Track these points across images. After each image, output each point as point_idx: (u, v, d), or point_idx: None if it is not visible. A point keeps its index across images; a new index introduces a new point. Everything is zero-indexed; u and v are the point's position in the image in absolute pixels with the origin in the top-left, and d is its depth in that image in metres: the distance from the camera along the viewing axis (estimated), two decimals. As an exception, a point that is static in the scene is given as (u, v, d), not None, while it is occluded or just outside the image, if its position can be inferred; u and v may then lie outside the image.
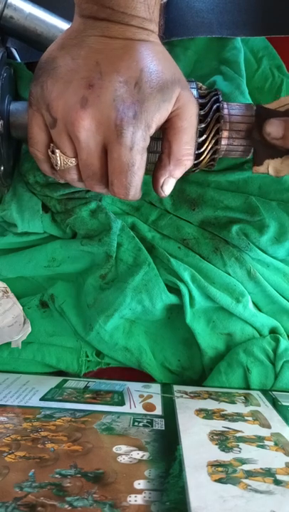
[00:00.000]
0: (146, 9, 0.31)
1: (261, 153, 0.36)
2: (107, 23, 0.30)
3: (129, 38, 0.31)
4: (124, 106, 0.29)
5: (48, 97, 0.31)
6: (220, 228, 0.45)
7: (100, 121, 0.30)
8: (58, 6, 0.41)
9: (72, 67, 0.30)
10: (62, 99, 0.30)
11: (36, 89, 0.31)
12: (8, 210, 0.44)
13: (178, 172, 0.34)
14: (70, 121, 0.30)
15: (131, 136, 0.30)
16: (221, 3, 0.46)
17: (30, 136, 0.34)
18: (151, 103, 0.30)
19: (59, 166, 0.33)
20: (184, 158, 0.33)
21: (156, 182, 0.34)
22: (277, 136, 0.35)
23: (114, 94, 0.29)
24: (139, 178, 0.32)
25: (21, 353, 0.45)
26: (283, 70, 0.48)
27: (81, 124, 0.30)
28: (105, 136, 0.31)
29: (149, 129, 0.31)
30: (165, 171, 0.33)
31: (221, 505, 0.22)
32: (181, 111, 0.32)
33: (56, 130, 0.31)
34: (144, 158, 0.32)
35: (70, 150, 0.32)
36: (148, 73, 0.30)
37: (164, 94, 0.30)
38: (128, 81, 0.30)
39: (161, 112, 0.31)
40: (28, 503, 0.22)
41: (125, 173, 0.31)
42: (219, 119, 0.36)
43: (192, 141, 0.33)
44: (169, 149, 0.33)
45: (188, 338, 0.45)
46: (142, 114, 0.30)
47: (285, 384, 0.42)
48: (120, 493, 0.23)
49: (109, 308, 0.43)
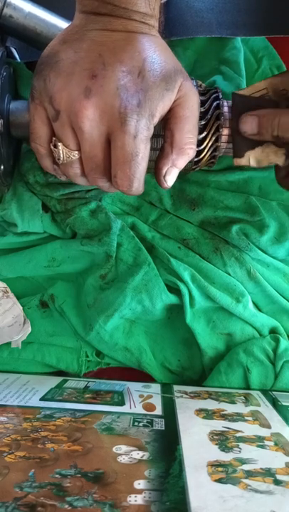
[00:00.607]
0: (147, 5, 0.31)
1: (241, 145, 0.36)
2: (108, 17, 0.31)
3: (130, 30, 0.31)
4: (128, 94, 0.29)
5: (51, 89, 0.31)
6: (220, 228, 0.45)
7: (103, 110, 0.30)
8: (58, 5, 0.41)
9: (75, 60, 0.30)
10: (65, 90, 0.30)
11: (39, 82, 0.31)
12: (8, 210, 0.44)
13: (181, 161, 0.34)
14: (74, 112, 0.30)
15: (135, 124, 0.30)
16: (220, 3, 0.46)
17: (32, 130, 0.33)
18: (155, 92, 0.30)
19: (61, 160, 0.33)
20: (187, 146, 0.33)
21: (158, 172, 0.34)
22: (252, 132, 0.35)
23: (117, 83, 0.29)
24: (143, 169, 0.32)
25: (21, 353, 0.45)
26: (283, 69, 0.47)
27: (85, 113, 0.30)
28: (109, 125, 0.30)
29: (152, 117, 0.31)
30: (168, 160, 0.33)
31: (221, 505, 0.22)
32: (183, 100, 0.32)
33: (59, 122, 0.31)
34: (147, 147, 0.32)
35: (73, 142, 0.32)
36: (151, 63, 0.30)
37: (167, 83, 0.31)
38: (131, 70, 0.30)
39: (164, 101, 0.31)
40: (28, 503, 0.22)
41: (129, 162, 0.31)
42: (219, 117, 0.36)
43: (194, 130, 0.33)
44: (171, 138, 0.33)
45: (188, 338, 0.45)
46: (146, 102, 0.30)
47: (285, 384, 0.42)
48: (120, 493, 0.23)
49: (109, 308, 0.43)
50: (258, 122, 0.35)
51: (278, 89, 0.35)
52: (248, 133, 0.35)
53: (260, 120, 0.34)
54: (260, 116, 0.35)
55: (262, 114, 0.35)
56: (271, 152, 0.36)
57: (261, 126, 0.35)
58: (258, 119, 0.35)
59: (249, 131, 0.35)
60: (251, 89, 0.36)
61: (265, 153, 0.36)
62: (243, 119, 0.35)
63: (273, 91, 0.35)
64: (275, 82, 0.35)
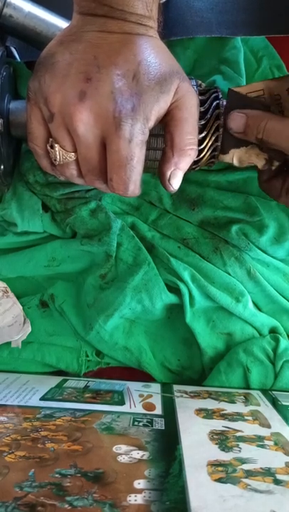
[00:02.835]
0: (145, 6, 0.31)
1: (228, 142, 0.36)
2: (105, 19, 0.31)
3: (127, 32, 0.31)
4: (122, 98, 0.29)
5: (46, 91, 0.31)
6: (220, 228, 0.45)
7: (98, 113, 0.30)
8: (57, 5, 0.41)
9: (70, 62, 0.30)
10: (59, 92, 0.30)
11: (34, 83, 0.31)
12: (8, 209, 0.44)
13: (183, 163, 0.33)
14: (68, 115, 0.30)
15: (129, 128, 0.30)
16: (220, 3, 0.46)
17: (29, 131, 0.33)
18: (149, 95, 0.30)
19: (58, 161, 0.33)
20: (188, 148, 0.33)
21: (163, 176, 0.34)
22: (238, 131, 0.35)
23: (112, 87, 0.29)
24: (138, 172, 0.32)
25: (21, 353, 0.45)
26: (283, 69, 0.47)
27: (79, 117, 0.30)
28: (104, 129, 0.30)
29: (147, 121, 0.31)
30: (170, 164, 0.33)
31: (221, 505, 0.22)
32: (180, 102, 0.32)
33: (54, 124, 0.31)
34: (142, 151, 0.31)
35: (69, 144, 0.32)
36: (146, 66, 0.30)
37: (163, 86, 0.30)
38: (126, 74, 0.30)
39: (159, 104, 0.31)
40: (28, 502, 0.22)
41: (124, 167, 0.31)
42: (219, 116, 0.36)
43: (194, 131, 0.33)
44: (171, 141, 0.33)
45: (188, 337, 0.45)
46: (141, 106, 0.30)
47: (285, 384, 0.42)
48: (120, 492, 0.23)
49: (109, 308, 0.43)
50: (245, 122, 0.35)
51: (273, 93, 0.35)
52: (234, 130, 0.35)
53: (248, 120, 0.35)
54: (249, 116, 0.35)
55: (250, 114, 0.35)
56: (254, 154, 0.37)
57: (247, 126, 0.35)
58: (246, 118, 0.35)
59: (235, 129, 0.35)
60: (248, 88, 0.36)
61: (248, 154, 0.37)
62: (231, 115, 0.35)
63: (269, 94, 0.36)
64: (272, 86, 0.35)
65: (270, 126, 0.34)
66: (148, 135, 0.31)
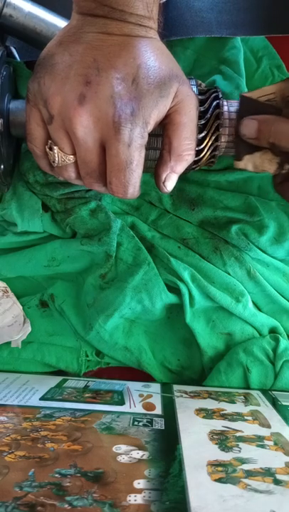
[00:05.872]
0: (145, 7, 0.31)
1: (242, 148, 0.36)
2: (105, 20, 0.30)
3: (126, 34, 0.31)
4: (121, 103, 0.29)
5: (46, 93, 0.30)
6: (219, 228, 0.45)
7: (97, 117, 0.30)
8: (57, 5, 0.41)
9: (70, 64, 0.30)
10: (59, 95, 0.30)
11: (34, 85, 0.31)
12: (8, 209, 0.44)
13: (179, 167, 0.34)
14: (68, 118, 0.30)
15: (129, 133, 0.30)
16: (220, 3, 0.46)
17: (28, 132, 0.33)
18: (148, 99, 0.30)
19: (57, 163, 0.33)
20: (185, 153, 0.33)
21: (158, 178, 0.34)
22: (251, 136, 0.35)
23: (111, 91, 0.29)
24: (138, 175, 0.32)
25: (21, 353, 0.45)
26: (283, 69, 0.47)
27: (79, 120, 0.30)
28: (103, 133, 0.30)
29: (147, 125, 0.31)
30: (166, 167, 0.33)
31: (221, 505, 0.22)
32: (179, 106, 0.32)
33: (53, 126, 0.31)
34: (142, 155, 0.32)
35: (68, 147, 0.32)
36: (145, 69, 0.30)
37: (162, 90, 0.30)
38: (125, 78, 0.30)
39: (159, 108, 0.31)
40: (28, 502, 0.22)
41: (123, 170, 0.31)
42: (219, 116, 0.36)
43: (192, 135, 0.33)
44: (169, 145, 0.33)
45: (188, 337, 0.45)
46: (140, 110, 0.30)
47: (285, 384, 0.42)
48: (120, 492, 0.23)
49: (109, 308, 0.43)
50: (257, 127, 0.35)
51: (285, 95, 0.35)
52: (247, 136, 0.35)
53: (260, 125, 0.34)
54: (260, 121, 0.35)
55: (262, 119, 0.35)
56: (267, 159, 0.36)
57: (259, 132, 0.35)
58: (258, 123, 0.35)
59: (248, 135, 0.35)
60: (260, 92, 0.36)
61: (261, 160, 0.36)
62: (243, 122, 0.35)
63: (281, 96, 0.35)
64: (283, 88, 0.35)
65: (279, 129, 0.34)
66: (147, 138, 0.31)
